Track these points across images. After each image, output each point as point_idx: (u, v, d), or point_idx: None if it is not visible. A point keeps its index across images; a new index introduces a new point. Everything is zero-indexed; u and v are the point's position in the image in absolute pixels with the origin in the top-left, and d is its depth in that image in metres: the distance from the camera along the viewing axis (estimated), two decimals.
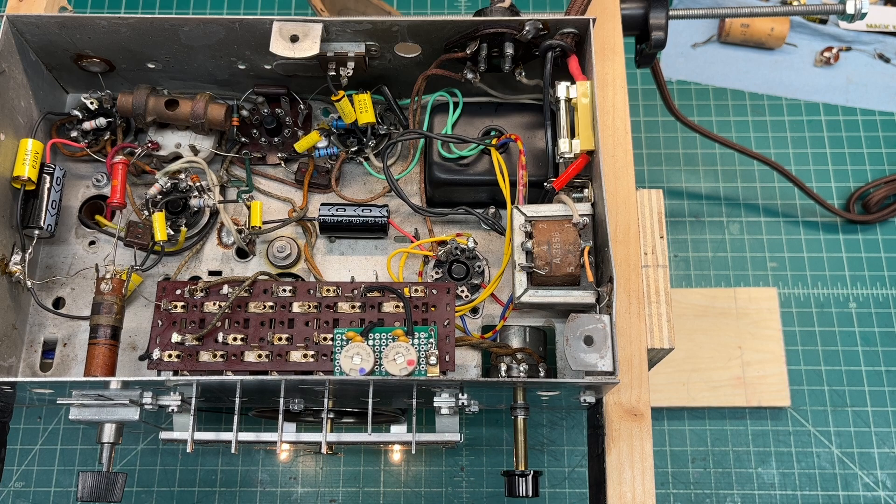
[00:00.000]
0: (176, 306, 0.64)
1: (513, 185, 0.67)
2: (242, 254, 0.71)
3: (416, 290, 0.64)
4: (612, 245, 0.59)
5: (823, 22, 1.15)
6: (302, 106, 0.72)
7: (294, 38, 0.64)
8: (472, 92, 0.71)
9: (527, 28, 0.65)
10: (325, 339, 0.63)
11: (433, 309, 0.64)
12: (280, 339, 0.63)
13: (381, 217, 0.69)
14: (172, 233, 0.69)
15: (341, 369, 0.59)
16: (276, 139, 0.73)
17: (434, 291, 0.64)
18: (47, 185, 0.67)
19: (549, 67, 0.66)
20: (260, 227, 0.69)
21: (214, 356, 0.62)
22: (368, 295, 0.64)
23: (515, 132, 0.69)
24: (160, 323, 0.63)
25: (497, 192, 0.68)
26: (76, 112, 0.72)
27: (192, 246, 0.71)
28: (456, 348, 0.64)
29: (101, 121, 0.71)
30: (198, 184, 0.70)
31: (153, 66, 0.71)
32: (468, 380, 0.58)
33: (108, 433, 0.62)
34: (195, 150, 0.72)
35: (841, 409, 0.96)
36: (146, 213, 0.70)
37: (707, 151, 1.09)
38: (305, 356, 0.62)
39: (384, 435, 0.64)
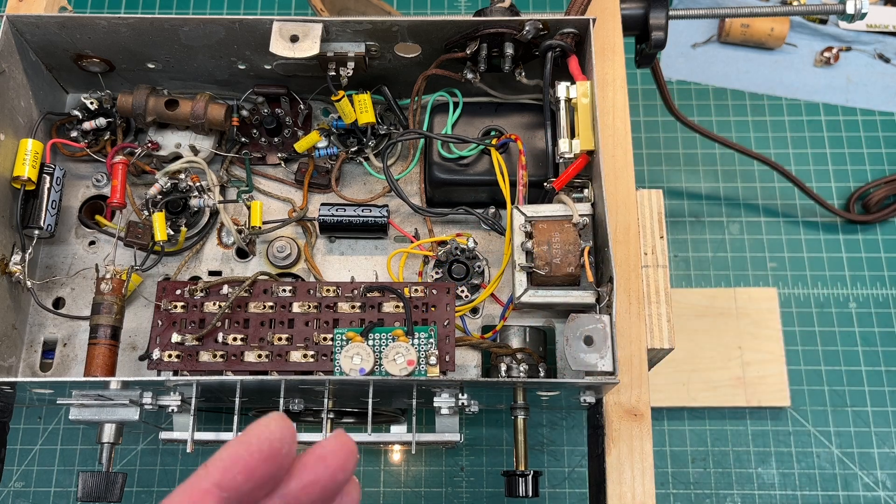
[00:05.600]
0: (176, 306, 0.64)
1: (513, 185, 0.67)
2: (242, 254, 0.71)
3: (416, 290, 0.64)
4: (612, 245, 0.59)
5: (823, 22, 1.15)
6: (302, 106, 0.72)
7: (294, 38, 0.64)
8: (472, 92, 0.71)
9: (527, 28, 0.65)
10: (325, 339, 0.63)
11: (433, 309, 0.64)
12: (280, 339, 0.63)
13: (381, 217, 0.69)
14: (172, 233, 0.69)
15: (341, 369, 0.59)
16: (276, 139, 0.73)
17: (434, 291, 0.64)
18: (47, 185, 0.67)
19: (549, 67, 0.66)
20: (260, 227, 0.69)
21: (214, 356, 0.62)
22: (368, 295, 0.64)
23: (515, 132, 0.69)
24: (160, 323, 0.63)
25: (497, 192, 0.68)
26: (76, 112, 0.72)
27: (192, 246, 0.71)
28: (456, 348, 0.64)
29: (101, 121, 0.71)
30: (198, 184, 0.69)
31: (153, 66, 0.71)
32: (468, 380, 0.58)
33: (108, 433, 0.62)
34: (195, 150, 0.72)
35: (841, 409, 0.96)
36: (146, 213, 0.70)
37: (707, 151, 1.09)
38: (305, 356, 0.62)
39: (384, 435, 0.64)
